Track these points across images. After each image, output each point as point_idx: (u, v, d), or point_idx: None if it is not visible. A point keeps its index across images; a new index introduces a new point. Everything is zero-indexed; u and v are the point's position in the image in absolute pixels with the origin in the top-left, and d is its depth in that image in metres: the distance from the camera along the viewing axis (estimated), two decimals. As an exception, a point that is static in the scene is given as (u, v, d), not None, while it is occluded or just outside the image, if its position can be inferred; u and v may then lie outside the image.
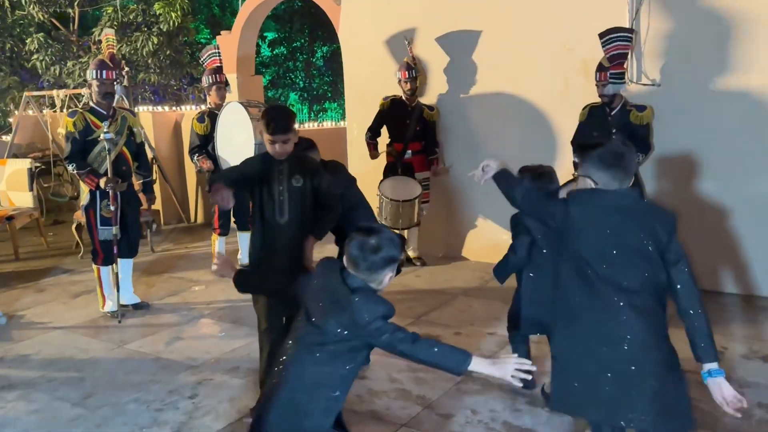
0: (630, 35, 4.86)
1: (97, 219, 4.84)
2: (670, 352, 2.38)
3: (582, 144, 2.74)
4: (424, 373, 3.76)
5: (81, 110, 4.86)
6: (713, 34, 4.94)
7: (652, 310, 2.33)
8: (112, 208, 4.74)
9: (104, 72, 4.77)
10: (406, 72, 5.94)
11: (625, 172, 2.29)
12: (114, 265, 4.88)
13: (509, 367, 2.01)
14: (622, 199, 2.30)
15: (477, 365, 2.04)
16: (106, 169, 4.71)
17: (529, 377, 2.01)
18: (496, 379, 3.52)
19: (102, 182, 4.68)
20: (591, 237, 2.28)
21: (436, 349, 2.06)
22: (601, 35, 4.85)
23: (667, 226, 2.31)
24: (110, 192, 4.70)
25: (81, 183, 4.92)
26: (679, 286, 2.37)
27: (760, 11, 4.74)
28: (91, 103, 4.89)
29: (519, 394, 3.48)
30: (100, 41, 5.38)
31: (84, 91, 8.00)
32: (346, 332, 2.03)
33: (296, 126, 3.38)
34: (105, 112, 4.83)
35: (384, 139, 6.20)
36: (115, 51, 5.10)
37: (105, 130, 4.63)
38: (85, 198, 4.89)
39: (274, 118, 3.19)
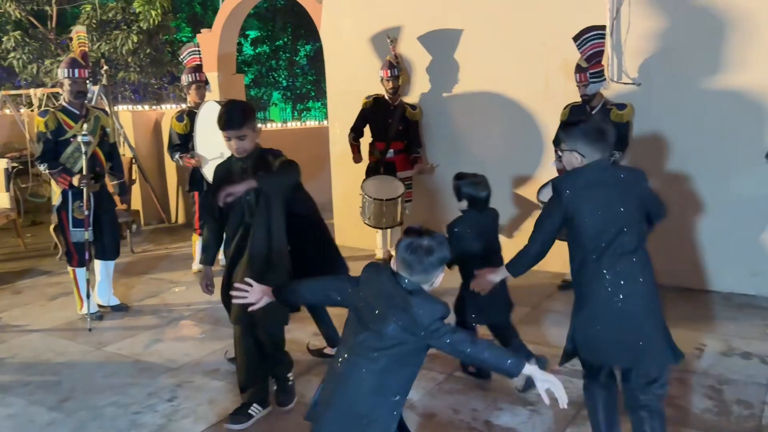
0: (603, 32, 4.90)
1: (69, 221, 4.76)
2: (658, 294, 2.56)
3: (566, 122, 2.90)
4: (406, 373, 3.74)
5: (53, 110, 4.77)
6: (694, 33, 4.98)
7: (647, 260, 2.54)
8: (86, 212, 4.67)
9: (76, 70, 4.68)
10: (388, 70, 5.92)
11: (606, 143, 2.50)
12: (87, 268, 4.81)
13: (557, 381, 1.99)
14: (603, 171, 2.50)
15: (529, 369, 2.01)
16: (80, 169, 4.63)
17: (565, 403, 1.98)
18: (481, 381, 3.57)
19: (75, 180, 4.61)
20: (588, 213, 2.46)
21: (494, 351, 2.06)
22: (575, 38, 4.88)
23: (643, 182, 2.58)
24: (84, 191, 4.63)
25: (53, 184, 4.83)
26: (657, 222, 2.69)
27: (741, 10, 4.78)
28: (63, 103, 4.81)
29: (500, 394, 3.48)
30: (71, 39, 5.25)
31: (46, 90, 7.91)
32: (406, 335, 2.01)
33: (258, 124, 3.27)
34: (78, 112, 4.75)
35: (366, 138, 6.17)
36: (87, 49, 5.00)
37: (83, 132, 4.55)
38: (56, 199, 4.81)
39: (225, 113, 3.06)
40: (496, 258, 3.51)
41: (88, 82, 4.81)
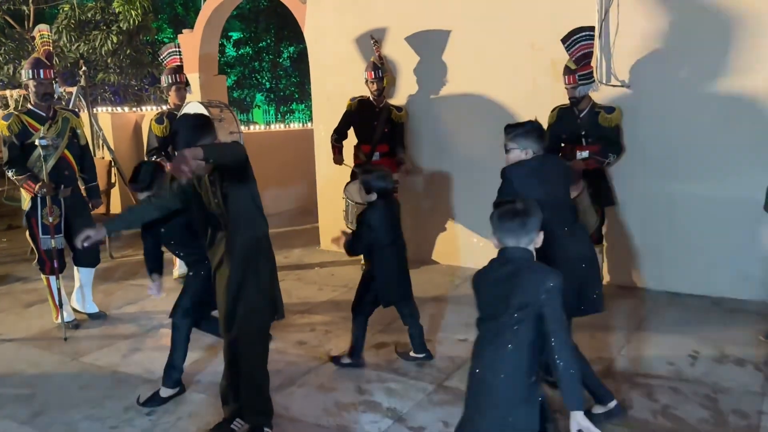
0: (592, 33, 4.82)
1: (39, 227, 4.60)
2: None
3: (512, 125, 3.31)
4: (394, 383, 3.64)
5: (17, 112, 4.59)
6: (684, 35, 4.93)
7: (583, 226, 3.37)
8: (50, 219, 4.51)
9: (41, 71, 4.51)
10: (373, 72, 5.81)
11: (542, 139, 3.22)
12: (57, 276, 4.64)
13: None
14: (538, 160, 3.19)
15: (579, 415, 2.08)
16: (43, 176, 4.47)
17: None
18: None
19: (36, 188, 4.44)
20: (532, 191, 2.91)
21: (573, 371, 2.10)
22: (564, 39, 4.79)
23: (562, 162, 3.48)
24: (47, 199, 4.46)
25: (23, 189, 4.66)
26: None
27: (730, 12, 4.74)
28: (28, 105, 4.63)
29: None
30: (33, 38, 5.04)
31: (9, 92, 7.70)
32: (529, 303, 2.11)
33: (210, 138, 2.97)
34: (44, 114, 4.58)
35: (351, 141, 6.06)
36: (51, 48, 4.82)
37: (41, 135, 4.38)
38: (26, 204, 4.64)
39: (176, 132, 2.97)
40: (401, 242, 3.88)
41: (54, 83, 4.63)
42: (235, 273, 2.97)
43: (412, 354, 3.94)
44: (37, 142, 4.38)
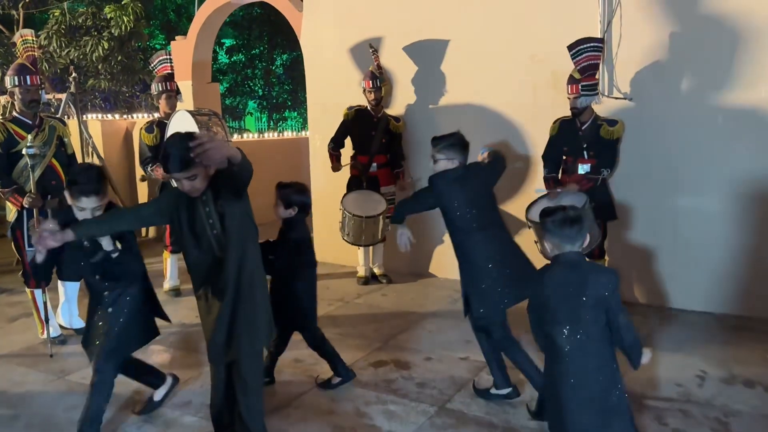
0: (600, 45, 4.73)
1: (24, 239, 4.44)
2: None
3: (438, 137, 3.57)
4: (394, 405, 3.50)
5: (2, 120, 4.44)
6: (686, 47, 4.85)
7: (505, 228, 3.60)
8: (37, 230, 4.34)
9: (28, 77, 4.36)
10: (371, 81, 5.71)
11: (465, 150, 3.48)
12: (44, 290, 4.48)
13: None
14: (462, 169, 3.44)
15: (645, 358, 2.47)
16: (31, 187, 4.31)
17: None
18: (472, 412, 3.35)
19: (25, 201, 4.29)
20: (456, 197, 3.37)
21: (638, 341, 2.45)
22: (570, 47, 4.71)
23: (485, 168, 3.61)
24: (34, 210, 4.31)
25: (7, 201, 4.51)
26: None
27: (734, 25, 4.67)
28: (14, 113, 4.48)
29: (494, 428, 3.25)
30: (14, 44, 4.89)
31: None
32: (601, 300, 2.37)
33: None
34: (30, 122, 4.43)
35: (348, 151, 5.94)
36: (36, 53, 4.66)
37: (28, 143, 4.22)
38: (12, 216, 4.48)
39: (169, 154, 2.68)
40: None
41: (41, 89, 4.49)
42: (231, 296, 2.80)
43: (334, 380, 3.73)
44: (24, 151, 4.23)
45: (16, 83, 4.35)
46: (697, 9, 4.79)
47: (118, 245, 3.08)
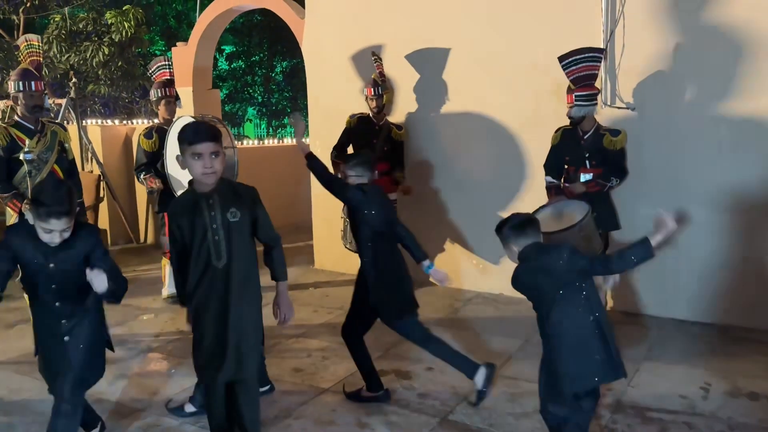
0: (598, 55, 4.70)
1: None
2: None
3: (349, 155, 3.87)
4: (396, 416, 3.46)
5: (5, 125, 4.41)
6: (689, 57, 4.84)
7: None
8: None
9: (32, 83, 4.33)
10: (372, 89, 5.69)
11: (372, 168, 3.74)
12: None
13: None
14: (368, 186, 3.64)
15: (655, 240, 2.60)
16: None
17: None
18: (475, 424, 3.32)
19: (22, 207, 4.26)
20: (375, 211, 3.55)
21: (632, 257, 2.62)
22: (562, 58, 4.62)
23: (383, 193, 3.90)
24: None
25: (7, 207, 4.47)
26: None
27: (737, 35, 4.66)
28: (16, 117, 4.45)
29: (499, 440, 3.21)
30: (17, 47, 4.87)
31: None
32: (582, 268, 2.65)
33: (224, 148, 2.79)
34: (32, 127, 4.40)
35: (349, 158, 5.91)
36: (41, 59, 4.64)
37: (26, 149, 4.20)
38: (12, 221, 4.44)
39: (197, 125, 2.66)
40: None
41: (44, 94, 4.47)
42: (237, 307, 2.71)
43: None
44: (21, 157, 4.20)
45: (21, 88, 4.33)
46: (699, 20, 4.78)
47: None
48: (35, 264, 2.76)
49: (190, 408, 3.51)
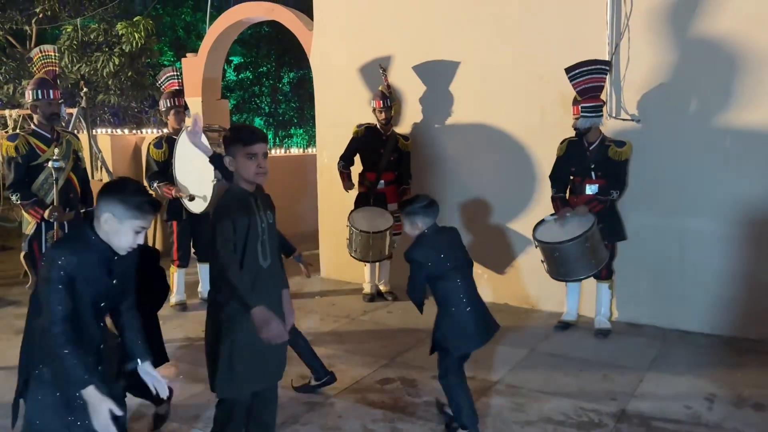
0: (605, 67, 4.77)
1: (42, 252, 4.46)
2: None
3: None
4: (401, 423, 3.49)
5: (23, 133, 4.50)
6: (696, 70, 4.88)
7: None
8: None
9: (51, 91, 4.43)
10: (381, 101, 5.75)
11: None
12: None
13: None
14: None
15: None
16: (53, 199, 4.36)
17: None
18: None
19: (46, 213, 4.33)
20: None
21: None
22: (568, 69, 4.72)
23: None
24: (54, 223, 4.35)
25: (26, 214, 4.55)
26: None
27: (739, 46, 4.71)
28: (32, 126, 4.54)
29: (504, 447, 3.24)
30: (30, 59, 4.98)
31: (12, 112, 7.62)
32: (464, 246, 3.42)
33: None
34: (49, 136, 4.49)
35: (357, 168, 5.97)
36: (57, 69, 4.73)
37: (54, 156, 4.28)
38: (30, 228, 4.52)
39: (249, 127, 2.75)
40: None
41: (60, 103, 4.56)
42: (279, 309, 2.76)
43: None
44: (50, 164, 4.29)
45: (39, 97, 4.42)
46: (702, 33, 4.83)
47: None
48: (96, 283, 2.29)
49: None
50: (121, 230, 2.24)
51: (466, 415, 3.20)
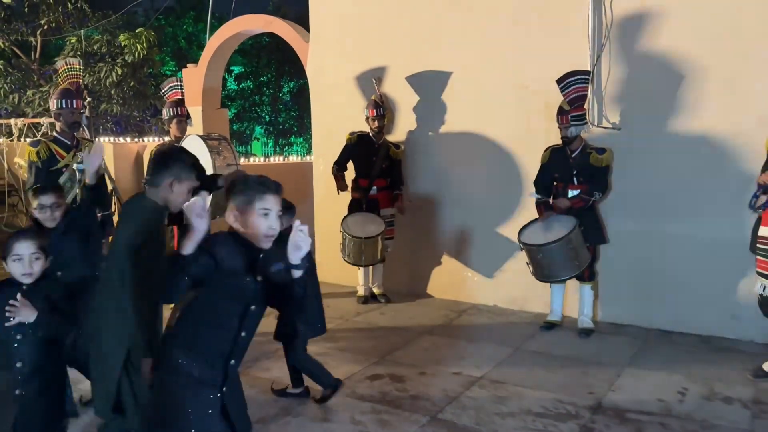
0: (587, 77, 5.02)
1: None
2: None
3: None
4: (388, 415, 3.68)
5: (44, 140, 4.75)
6: (671, 80, 5.09)
7: None
8: None
9: (74, 101, 4.70)
10: (374, 110, 5.97)
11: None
12: None
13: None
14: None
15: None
16: (73, 199, 4.57)
17: None
18: (462, 422, 3.52)
19: None
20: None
21: None
22: (559, 80, 4.98)
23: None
24: None
25: None
26: None
27: (716, 57, 4.92)
28: (54, 133, 4.79)
29: (484, 437, 3.43)
30: (56, 70, 5.25)
31: (44, 120, 7.82)
32: None
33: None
34: (69, 142, 4.73)
35: (350, 174, 6.19)
36: (81, 81, 5.01)
37: (79, 160, 4.52)
38: None
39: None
40: None
41: (81, 113, 4.82)
42: None
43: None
44: (75, 167, 4.52)
45: (63, 106, 4.67)
46: (680, 43, 5.04)
47: None
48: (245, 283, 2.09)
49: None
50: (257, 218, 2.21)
51: (324, 374, 3.84)
